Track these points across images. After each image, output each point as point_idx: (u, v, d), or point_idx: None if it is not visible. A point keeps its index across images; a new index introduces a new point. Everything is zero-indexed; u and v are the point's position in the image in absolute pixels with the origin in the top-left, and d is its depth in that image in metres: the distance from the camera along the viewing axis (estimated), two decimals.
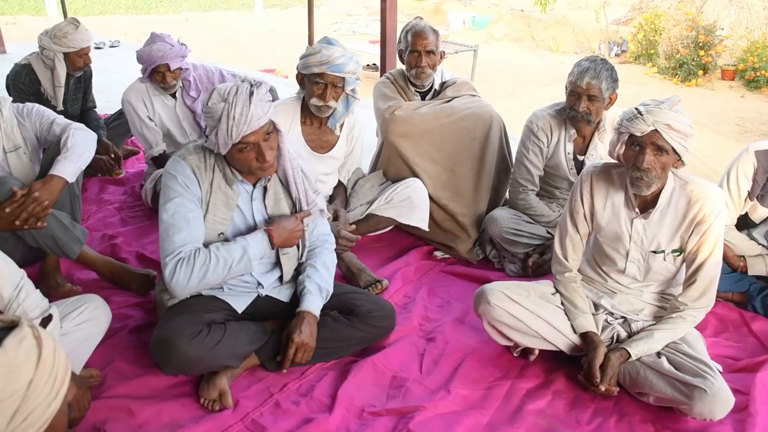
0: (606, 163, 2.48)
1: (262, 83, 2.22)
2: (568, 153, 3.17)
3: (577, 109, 2.96)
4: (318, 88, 2.98)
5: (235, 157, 2.25)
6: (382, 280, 3.09)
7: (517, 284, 2.56)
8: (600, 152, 3.12)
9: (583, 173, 2.49)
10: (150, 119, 3.87)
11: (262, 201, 2.43)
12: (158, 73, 3.74)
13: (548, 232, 3.23)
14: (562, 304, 2.51)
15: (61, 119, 2.96)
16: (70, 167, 2.71)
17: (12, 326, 1.15)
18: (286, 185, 2.46)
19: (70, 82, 4.25)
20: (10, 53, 7.96)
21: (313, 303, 2.42)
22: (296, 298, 2.49)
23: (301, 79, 3.07)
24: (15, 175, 2.82)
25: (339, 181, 3.48)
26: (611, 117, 3.08)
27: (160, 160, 3.87)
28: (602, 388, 2.30)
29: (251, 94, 2.15)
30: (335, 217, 3.13)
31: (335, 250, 2.71)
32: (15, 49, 8.16)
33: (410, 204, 3.37)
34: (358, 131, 3.36)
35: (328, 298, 2.50)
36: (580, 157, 3.18)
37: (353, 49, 9.84)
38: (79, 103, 4.48)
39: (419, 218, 3.40)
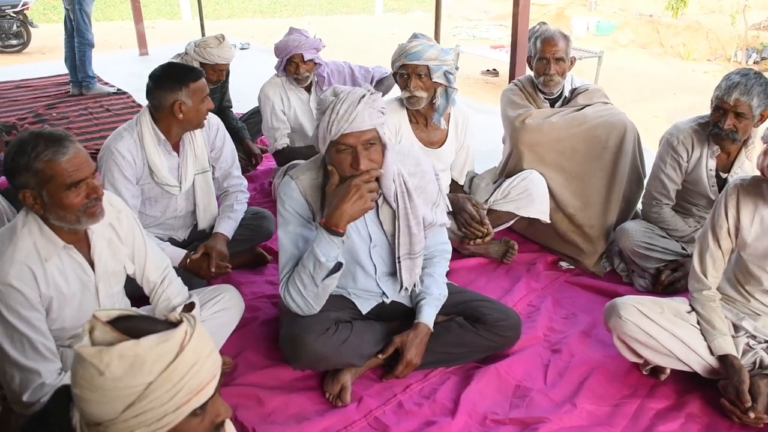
0: (755, 176, 2.33)
1: (380, 95, 2.21)
2: (710, 170, 2.97)
3: (722, 126, 2.76)
4: (402, 80, 3.07)
5: (333, 159, 2.19)
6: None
7: (651, 300, 2.44)
8: (746, 170, 2.91)
9: (729, 186, 2.36)
10: (284, 113, 4.01)
11: (377, 216, 2.40)
12: (292, 64, 3.87)
13: (683, 248, 3.07)
14: (699, 323, 2.38)
15: (238, 172, 3.21)
16: (232, 226, 3.04)
17: (175, 325, 1.15)
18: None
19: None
20: (151, 55, 8.57)
21: (429, 315, 2.44)
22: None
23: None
24: (198, 198, 3.02)
25: (457, 185, 3.46)
26: (761, 132, 2.88)
27: (280, 156, 4.01)
28: (752, 415, 2.15)
29: (362, 96, 2.13)
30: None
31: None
32: (155, 51, 8.72)
33: (528, 196, 3.30)
34: (463, 123, 3.33)
35: (443, 302, 2.52)
36: (724, 175, 2.97)
37: (474, 54, 9.73)
38: (216, 103, 4.68)
39: (539, 210, 3.32)
